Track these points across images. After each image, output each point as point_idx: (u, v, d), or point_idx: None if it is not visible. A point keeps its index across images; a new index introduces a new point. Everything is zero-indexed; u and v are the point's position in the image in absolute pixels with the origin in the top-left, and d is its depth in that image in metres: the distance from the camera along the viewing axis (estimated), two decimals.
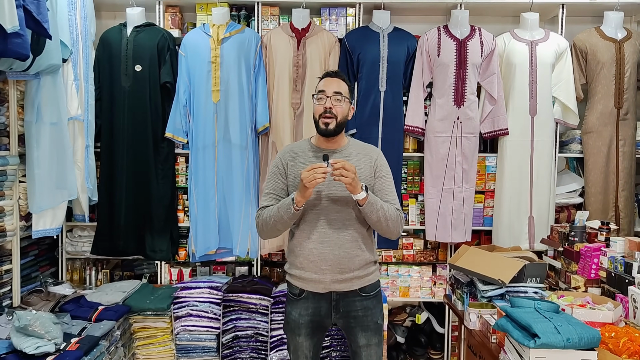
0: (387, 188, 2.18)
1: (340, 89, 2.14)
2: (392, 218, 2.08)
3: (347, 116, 2.17)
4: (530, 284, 2.52)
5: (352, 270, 2.13)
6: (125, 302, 3.01)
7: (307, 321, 2.18)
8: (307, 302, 2.17)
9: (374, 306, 2.21)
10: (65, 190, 2.94)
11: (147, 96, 3.26)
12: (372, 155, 2.21)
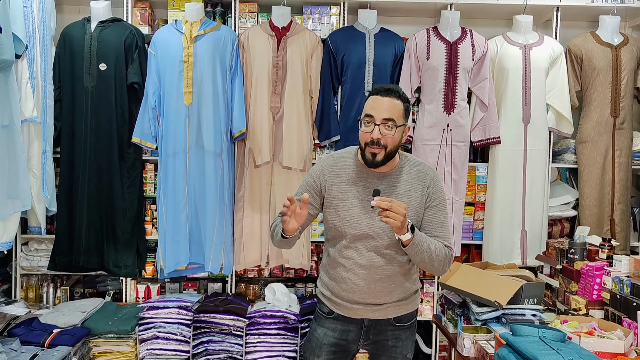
0: (438, 220, 1.89)
1: (392, 115, 1.79)
2: (438, 259, 1.81)
3: (399, 144, 1.86)
4: (528, 305, 2.34)
5: (388, 302, 1.93)
6: (85, 324, 2.74)
7: (331, 342, 1.99)
8: (337, 323, 1.99)
9: (406, 338, 2.01)
10: (18, 200, 2.65)
11: (112, 97, 2.99)
12: (425, 181, 1.91)
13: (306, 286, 3.36)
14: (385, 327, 1.96)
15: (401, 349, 1.99)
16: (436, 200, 1.90)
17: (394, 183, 1.89)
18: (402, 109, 1.82)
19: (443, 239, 1.87)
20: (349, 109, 3.14)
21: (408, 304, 1.98)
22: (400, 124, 1.81)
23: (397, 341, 1.99)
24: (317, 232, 3.27)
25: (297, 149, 3.10)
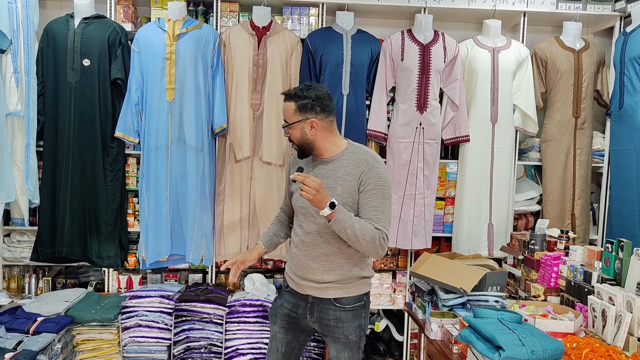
0: (372, 204, 2.01)
1: (285, 117, 2.09)
2: (365, 238, 1.94)
3: (305, 136, 2.06)
4: (491, 292, 2.49)
5: (330, 281, 2.08)
6: (68, 313, 2.81)
7: (284, 312, 2.20)
8: (290, 296, 2.20)
9: (347, 320, 2.10)
10: (2, 192, 2.71)
11: (95, 93, 3.06)
12: (361, 167, 2.04)
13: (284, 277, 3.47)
14: (326, 307, 2.10)
15: (342, 330, 2.10)
16: (370, 185, 2.01)
17: (335, 168, 2.07)
18: (294, 108, 2.05)
19: (375, 222, 1.98)
20: None
21: (349, 288, 2.09)
22: (291, 122, 2.06)
23: (338, 322, 2.10)
24: None
25: (276, 145, 3.21)
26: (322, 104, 2.07)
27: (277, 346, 2.23)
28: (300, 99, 2.05)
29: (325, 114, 2.08)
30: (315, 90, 2.07)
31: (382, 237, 1.98)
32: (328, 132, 2.09)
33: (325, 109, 2.07)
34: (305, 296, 2.13)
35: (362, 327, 2.17)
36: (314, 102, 2.05)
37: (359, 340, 2.15)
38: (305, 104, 2.04)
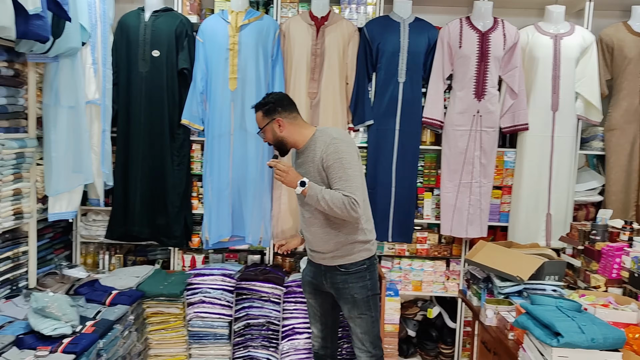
0: (336, 176, 2.29)
1: (258, 123, 2.47)
2: (336, 205, 2.23)
3: (276, 135, 2.43)
4: (549, 281, 2.49)
5: (330, 250, 2.42)
6: (139, 287, 3.01)
7: (308, 281, 2.62)
8: (311, 266, 2.58)
9: (352, 281, 2.43)
10: (82, 174, 2.94)
11: (164, 82, 3.23)
12: (321, 147, 2.33)
13: None
14: (334, 273, 2.45)
15: (348, 291, 2.43)
16: (331, 161, 2.29)
17: (307, 154, 2.40)
18: (261, 115, 2.44)
19: (343, 189, 2.26)
20: (382, 95, 3.31)
21: (349, 255, 2.41)
22: (262, 126, 2.44)
23: (345, 284, 2.44)
24: None
25: None
26: (281, 104, 2.43)
27: (313, 311, 2.65)
28: (263, 105, 2.43)
29: (287, 111, 2.43)
30: (274, 95, 2.49)
31: (350, 202, 2.24)
32: (294, 126, 2.43)
33: (285, 108, 2.43)
34: (319, 265, 2.49)
35: (368, 287, 2.46)
36: (274, 104, 2.42)
37: (365, 298, 2.45)
38: (269, 108, 2.42)
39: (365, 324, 2.47)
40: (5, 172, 2.61)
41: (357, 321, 2.47)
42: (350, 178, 2.28)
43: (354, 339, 2.52)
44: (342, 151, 2.30)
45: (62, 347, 2.19)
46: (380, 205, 3.36)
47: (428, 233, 3.54)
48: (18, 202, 2.73)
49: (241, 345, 3.07)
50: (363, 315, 2.46)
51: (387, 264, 3.52)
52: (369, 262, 2.47)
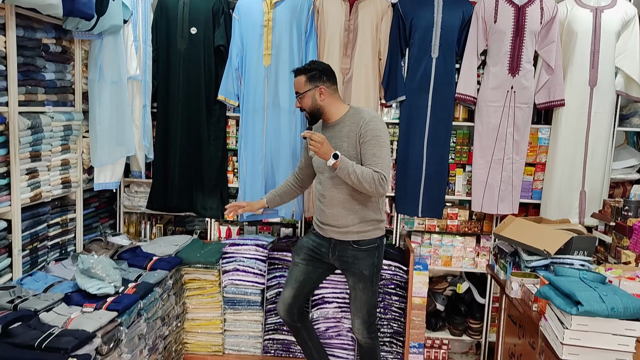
0: (370, 152, 2.38)
1: (297, 89, 2.51)
2: (366, 180, 2.31)
3: (315, 102, 2.47)
4: (577, 256, 2.48)
5: (347, 225, 2.50)
6: (178, 255, 3.17)
7: (309, 246, 2.67)
8: (316, 237, 2.66)
9: (362, 258, 2.53)
10: (124, 147, 3.10)
11: (201, 59, 3.34)
12: (359, 122, 2.41)
13: None
14: (346, 247, 2.54)
15: (358, 266, 2.54)
16: (368, 137, 2.38)
17: (340, 129, 2.48)
18: (304, 80, 2.47)
19: (374, 166, 2.35)
20: (415, 71, 3.32)
21: (365, 232, 2.51)
22: (303, 91, 2.48)
23: (355, 259, 2.53)
24: None
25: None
26: (327, 73, 2.49)
27: (296, 275, 2.69)
28: (309, 71, 2.47)
29: (331, 82, 2.49)
30: (321, 64, 2.52)
31: (380, 177, 2.33)
32: (334, 98, 2.50)
33: (330, 78, 2.50)
34: (329, 239, 2.57)
35: (376, 265, 2.59)
36: (321, 72, 2.48)
37: (372, 274, 2.57)
38: (314, 75, 2.47)
39: (366, 296, 2.60)
40: (55, 143, 2.80)
41: (359, 293, 2.60)
42: (383, 156, 2.38)
43: (353, 306, 2.65)
44: (380, 130, 2.41)
45: (106, 305, 2.36)
46: (411, 181, 3.40)
47: (459, 209, 3.56)
48: (66, 171, 2.92)
49: (273, 312, 3.20)
50: (366, 290, 2.59)
51: (417, 239, 3.56)
52: (380, 241, 2.59)
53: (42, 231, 2.77)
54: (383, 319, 3.17)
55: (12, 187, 2.49)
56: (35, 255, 2.74)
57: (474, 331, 3.55)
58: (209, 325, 3.22)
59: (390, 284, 3.15)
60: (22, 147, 2.53)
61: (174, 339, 3.02)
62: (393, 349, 3.19)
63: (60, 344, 1.94)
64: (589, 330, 1.79)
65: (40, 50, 2.64)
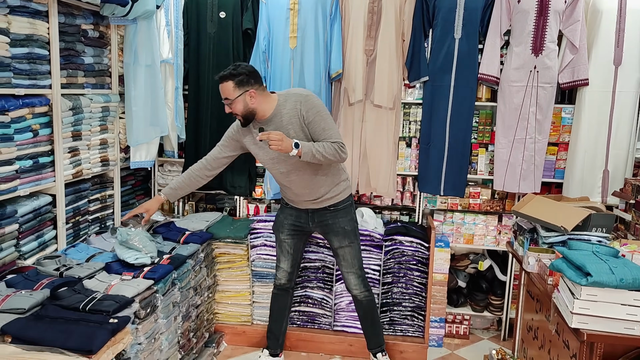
0: (319, 128, 2.51)
1: (225, 95, 2.52)
2: (330, 153, 2.47)
3: (247, 106, 2.52)
4: (595, 233, 2.52)
5: (321, 196, 2.70)
6: (208, 230, 3.34)
7: (289, 223, 2.88)
8: (292, 210, 2.85)
9: (341, 216, 2.76)
10: (158, 127, 3.27)
11: (230, 42, 3.47)
12: (297, 106, 2.51)
13: (391, 213, 3.75)
14: (323, 212, 2.77)
15: (339, 224, 2.77)
16: (311, 116, 2.50)
17: (277, 121, 2.54)
18: (232, 86, 2.48)
19: (329, 138, 2.49)
20: (438, 51, 3.37)
21: (339, 195, 2.73)
22: (234, 97, 2.50)
23: (335, 219, 2.77)
24: (403, 165, 3.61)
25: (387, 89, 3.41)
26: (254, 76, 2.54)
27: (287, 249, 2.94)
28: (236, 76, 2.48)
29: (258, 83, 2.54)
30: (246, 67, 2.53)
31: (339, 146, 2.49)
32: (263, 96, 2.56)
33: (258, 80, 2.55)
34: (305, 209, 2.77)
35: (354, 220, 2.84)
36: (248, 76, 2.51)
37: (353, 229, 2.82)
38: (242, 79, 2.50)
39: (354, 250, 2.84)
40: (94, 123, 2.98)
41: (347, 249, 2.83)
42: (332, 126, 2.54)
43: (344, 265, 2.88)
44: (318, 105, 2.54)
45: (143, 273, 2.54)
46: (434, 160, 3.47)
47: (481, 188, 3.62)
48: (104, 150, 3.11)
49: (299, 286, 3.35)
50: (352, 244, 2.83)
51: (439, 218, 3.65)
52: (351, 199, 2.84)
53: (83, 206, 2.98)
54: (405, 293, 3.28)
55: (56, 164, 2.69)
56: (78, 228, 2.95)
57: (495, 308, 3.63)
58: (238, 296, 3.40)
59: (412, 260, 3.25)
60: (64, 127, 2.72)
61: (205, 308, 3.21)
62: (414, 322, 3.31)
63: (102, 307, 2.12)
64: (598, 300, 1.86)
65: (79, 36, 2.81)
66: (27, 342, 1.86)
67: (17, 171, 2.43)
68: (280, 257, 3.00)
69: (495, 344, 3.56)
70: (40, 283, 2.29)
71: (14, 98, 2.36)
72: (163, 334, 2.55)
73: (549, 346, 2.42)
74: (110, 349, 1.95)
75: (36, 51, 2.48)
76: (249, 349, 3.36)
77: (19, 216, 2.46)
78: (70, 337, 1.87)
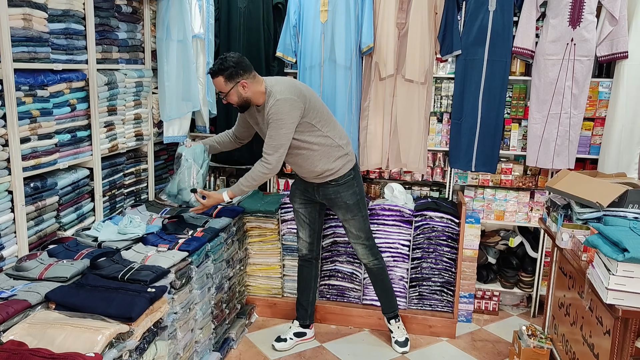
0: (268, 134, 2.64)
1: (219, 89, 2.66)
2: (256, 180, 2.71)
3: (241, 96, 2.64)
4: (632, 209, 2.47)
5: (322, 172, 2.80)
6: (240, 204, 3.39)
7: (300, 193, 3.03)
8: (302, 181, 2.98)
9: (343, 190, 2.85)
10: (190, 102, 3.31)
11: (260, 16, 3.46)
12: (266, 109, 2.63)
13: (421, 189, 3.73)
14: (327, 186, 2.87)
15: (341, 198, 2.86)
16: (271, 121, 2.61)
17: (263, 111, 2.68)
18: (223, 80, 2.60)
19: (266, 147, 2.66)
20: (471, 24, 3.30)
21: (339, 170, 2.81)
22: (227, 90, 2.62)
23: (337, 193, 2.86)
24: (434, 141, 3.57)
25: (419, 63, 3.36)
26: (242, 66, 2.60)
27: (303, 219, 3.07)
28: (224, 70, 2.58)
29: (248, 72, 2.62)
30: (232, 58, 2.59)
31: (263, 163, 2.66)
32: (256, 84, 2.64)
33: (246, 69, 2.61)
34: (311, 183, 2.90)
35: (357, 193, 2.90)
36: (236, 67, 2.58)
37: (356, 202, 2.89)
38: (231, 72, 2.59)
39: (358, 223, 2.93)
40: (128, 98, 3.03)
41: (351, 222, 2.93)
42: (275, 137, 2.62)
43: (350, 236, 2.99)
44: (280, 112, 2.59)
45: (178, 245, 2.61)
46: (465, 135, 3.43)
47: (513, 164, 3.57)
48: (138, 125, 3.17)
49: (328, 260, 3.39)
50: (356, 217, 2.92)
51: (470, 194, 3.62)
52: (354, 172, 2.89)
53: (119, 180, 3.05)
54: (434, 268, 3.29)
55: (93, 138, 2.75)
56: (114, 201, 3.03)
57: (526, 284, 3.61)
58: (269, 269, 3.46)
59: (442, 236, 3.25)
60: (100, 102, 2.77)
61: (237, 280, 3.28)
62: (444, 297, 3.32)
63: (140, 277, 2.19)
64: (634, 276, 1.84)
65: (113, 11, 2.84)
66: (70, 308, 1.94)
67: (57, 145, 2.50)
68: (298, 227, 3.12)
69: (525, 320, 3.55)
70: (80, 253, 2.38)
71: (52, 73, 2.42)
72: (197, 304, 2.62)
73: (581, 322, 2.41)
74: (148, 317, 2.02)
75: (73, 26, 2.52)
76: (280, 320, 3.43)
77: (58, 188, 2.54)
78: (111, 304, 1.95)
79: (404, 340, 3.11)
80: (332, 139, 2.79)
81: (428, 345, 3.20)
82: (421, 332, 3.29)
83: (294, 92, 2.65)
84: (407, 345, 3.10)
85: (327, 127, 2.79)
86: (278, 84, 2.67)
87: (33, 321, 1.83)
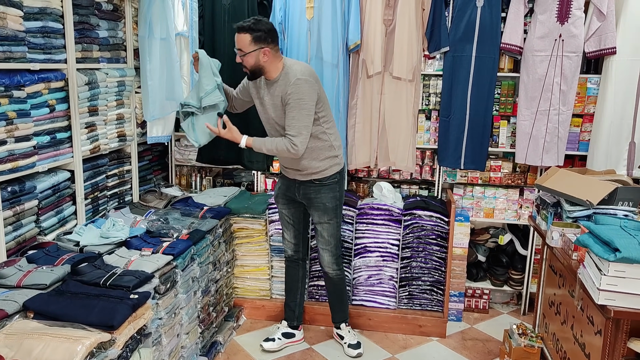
0: (290, 115, 2.57)
1: (239, 46, 2.56)
2: (277, 148, 2.61)
3: (258, 63, 2.57)
4: (622, 207, 2.46)
5: (306, 168, 2.75)
6: (226, 205, 3.33)
7: (283, 192, 2.97)
8: (285, 180, 2.96)
9: (324, 192, 2.81)
10: (174, 102, 3.23)
11: (245, 13, 3.38)
12: (286, 87, 2.56)
13: (410, 187, 3.70)
14: (308, 185, 2.82)
15: (320, 199, 2.82)
16: (291, 100, 2.54)
17: (274, 89, 2.63)
18: (249, 40, 2.51)
19: (289, 129, 2.58)
20: (459, 21, 3.26)
21: (325, 170, 2.77)
22: (248, 51, 2.54)
23: (317, 194, 2.81)
24: (423, 138, 3.54)
25: (407, 60, 3.32)
26: (272, 35, 2.56)
27: (287, 219, 3.02)
28: (255, 31, 2.51)
29: (275, 43, 2.58)
30: (267, 24, 2.55)
31: (290, 142, 2.57)
32: (276, 58, 2.60)
33: (275, 40, 2.58)
34: (293, 180, 2.85)
35: (337, 198, 2.86)
36: (267, 34, 2.53)
37: (335, 207, 2.86)
38: (260, 36, 2.52)
39: (332, 228, 2.89)
40: (110, 98, 2.96)
41: (325, 226, 2.88)
42: (299, 119, 2.56)
43: (321, 241, 2.94)
44: (302, 92, 2.54)
45: (162, 249, 2.54)
46: (454, 133, 3.40)
47: (502, 161, 3.54)
48: (121, 125, 3.09)
49: (316, 260, 3.34)
50: (331, 221, 2.87)
51: (459, 192, 3.59)
52: (339, 176, 2.85)
53: (101, 182, 2.98)
54: (424, 267, 3.26)
55: (74, 139, 2.68)
56: (96, 204, 2.96)
57: (515, 282, 3.60)
58: (257, 271, 3.41)
59: (432, 234, 3.22)
60: (80, 102, 2.70)
61: (225, 283, 3.22)
62: (433, 296, 3.29)
63: (123, 282, 2.13)
64: (626, 276, 1.81)
65: (93, 9, 2.77)
66: (49, 317, 1.87)
67: (35, 147, 2.42)
68: (283, 227, 3.08)
69: (515, 318, 3.54)
70: (61, 258, 2.31)
71: (29, 73, 2.34)
72: (183, 308, 2.56)
73: (572, 321, 2.39)
74: (131, 324, 1.96)
75: (50, 25, 2.44)
76: (268, 322, 3.38)
77: (38, 192, 2.46)
78: (92, 312, 1.88)
79: (356, 342, 3.05)
80: (328, 137, 2.75)
81: (418, 345, 3.17)
82: (411, 332, 3.26)
83: (312, 75, 2.64)
84: (360, 347, 3.03)
85: (328, 124, 2.74)
86: (297, 64, 2.65)
87: (10, 331, 1.76)
